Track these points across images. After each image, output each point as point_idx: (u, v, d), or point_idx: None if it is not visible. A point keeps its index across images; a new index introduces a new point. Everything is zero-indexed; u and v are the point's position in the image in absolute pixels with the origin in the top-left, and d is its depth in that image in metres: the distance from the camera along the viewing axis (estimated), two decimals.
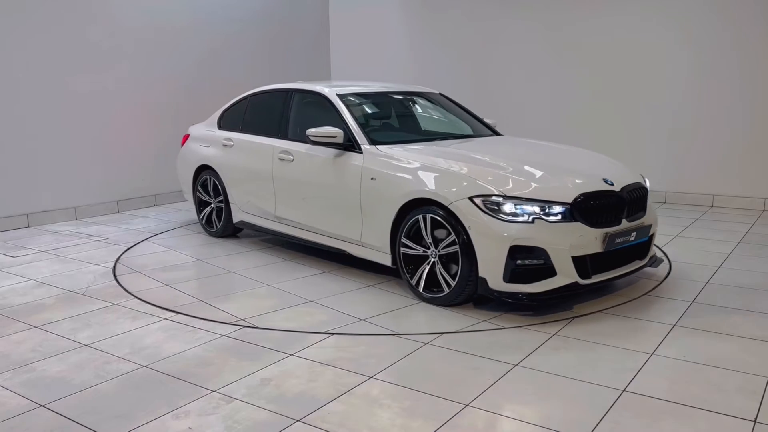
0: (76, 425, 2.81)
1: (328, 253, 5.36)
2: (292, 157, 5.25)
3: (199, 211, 6.44)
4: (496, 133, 5.71)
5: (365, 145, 4.74)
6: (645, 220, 4.38)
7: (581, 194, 4.02)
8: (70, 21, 7.06)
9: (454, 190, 4.09)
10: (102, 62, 7.39)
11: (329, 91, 5.27)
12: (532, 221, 3.89)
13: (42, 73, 6.88)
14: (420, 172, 4.35)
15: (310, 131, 4.84)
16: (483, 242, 3.92)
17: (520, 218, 3.89)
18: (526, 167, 4.34)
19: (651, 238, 4.52)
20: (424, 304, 4.30)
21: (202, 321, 4.05)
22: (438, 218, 4.14)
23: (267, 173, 5.47)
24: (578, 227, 3.95)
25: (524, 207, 3.91)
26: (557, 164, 4.55)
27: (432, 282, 4.26)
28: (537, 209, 3.91)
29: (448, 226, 4.07)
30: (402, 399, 3.00)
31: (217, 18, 8.61)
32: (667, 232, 6.15)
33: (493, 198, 3.96)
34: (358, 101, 5.33)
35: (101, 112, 7.43)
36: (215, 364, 3.41)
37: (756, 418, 2.78)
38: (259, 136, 5.70)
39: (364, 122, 5.05)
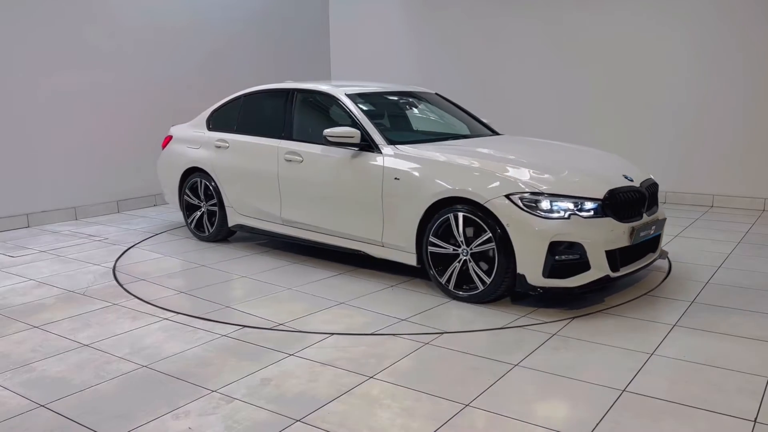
0: (76, 425, 2.81)
1: (334, 255, 5.35)
2: (300, 158, 5.14)
3: (187, 216, 6.22)
4: (495, 132, 5.71)
5: (384, 145, 4.73)
6: (659, 214, 4.56)
7: (610, 190, 4.14)
8: (69, 21, 7.06)
9: (489, 187, 4.13)
10: (102, 62, 7.39)
11: (338, 91, 5.21)
12: (568, 217, 3.98)
13: (42, 73, 6.87)
14: (448, 171, 4.38)
15: (328, 131, 4.76)
16: (522, 239, 3.99)
17: (557, 214, 3.98)
18: (550, 165, 4.44)
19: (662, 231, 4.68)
20: (455, 302, 4.32)
21: (202, 321, 4.05)
22: (471, 216, 4.17)
23: (271, 175, 5.34)
24: (609, 222, 4.07)
25: (559, 203, 4.00)
26: (576, 162, 4.67)
27: (462, 280, 4.30)
28: (571, 205, 4.01)
29: (483, 224, 4.12)
30: (402, 399, 3.00)
31: (218, 18, 8.62)
32: (667, 232, 6.14)
33: (531, 195, 4.02)
34: (366, 101, 5.27)
35: (101, 112, 7.43)
36: (215, 364, 3.41)
37: (756, 418, 2.78)
38: (259, 137, 5.56)
39: (375, 122, 5.00)
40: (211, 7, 8.52)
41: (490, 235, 4.09)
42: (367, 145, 4.77)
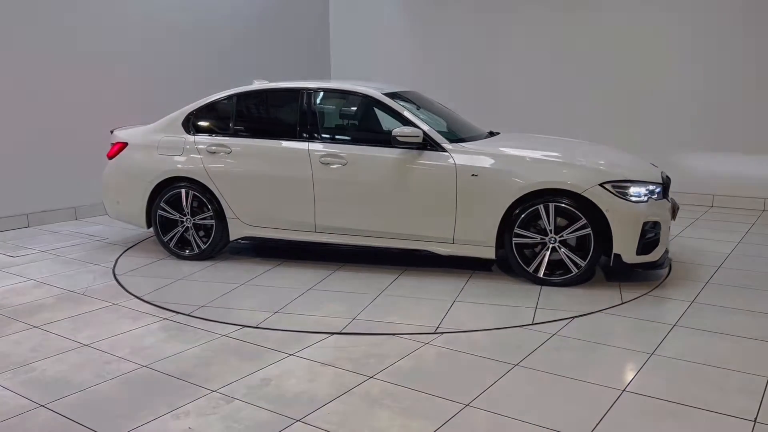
0: (76, 425, 2.81)
1: (359, 258, 5.23)
2: (344, 161, 4.94)
3: (163, 232, 5.49)
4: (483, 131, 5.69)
5: (448, 144, 4.80)
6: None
7: (661, 174, 4.75)
8: (72, 20, 7.06)
9: (583, 178, 4.47)
10: (103, 63, 7.38)
11: (375, 92, 5.12)
12: (647, 200, 4.47)
13: (42, 73, 6.87)
14: (533, 165, 4.65)
15: (397, 131, 4.72)
16: (620, 222, 4.40)
17: (638, 198, 4.45)
18: (604, 157, 4.90)
19: None
20: (548, 287, 4.55)
21: (202, 321, 4.05)
22: (562, 205, 4.46)
23: (302, 180, 5.03)
24: (665, 203, 4.63)
25: (639, 188, 4.48)
26: (611, 154, 5.07)
27: (549, 266, 4.59)
28: (644, 190, 4.49)
29: (577, 212, 4.44)
30: (402, 399, 3.00)
31: (218, 18, 8.61)
32: None
33: (620, 182, 4.46)
34: (405, 102, 5.19)
35: (101, 112, 7.42)
36: (215, 364, 3.41)
37: (756, 418, 2.78)
38: (276, 140, 5.22)
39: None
40: (210, 7, 8.52)
41: (585, 221, 4.42)
42: (426, 144, 4.78)
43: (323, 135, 5.18)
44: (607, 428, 2.71)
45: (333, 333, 3.81)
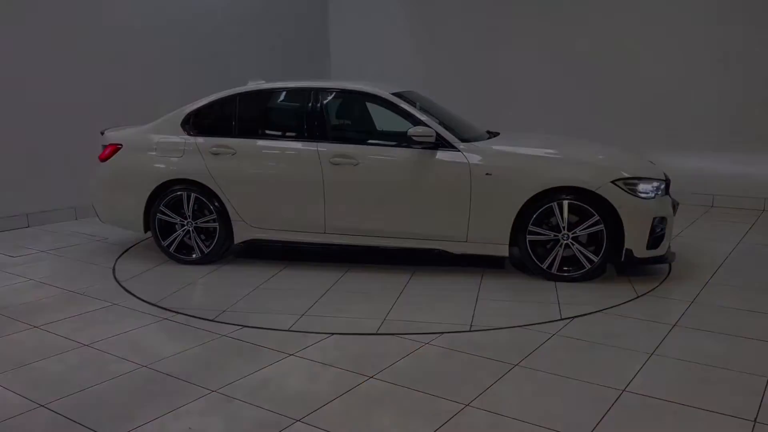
0: (76, 425, 2.82)
1: (363, 258, 5.20)
2: (355, 161, 4.89)
3: (162, 237, 5.34)
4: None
5: (460, 143, 4.82)
6: None
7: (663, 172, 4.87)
8: (71, 20, 7.07)
9: (595, 175, 4.57)
10: (102, 64, 7.38)
11: (383, 92, 5.09)
12: (654, 197, 4.60)
13: (42, 73, 6.88)
14: (546, 164, 4.75)
15: (412, 131, 4.74)
16: (632, 218, 4.51)
17: (647, 195, 4.57)
18: (609, 155, 5.04)
19: None
20: (564, 283, 4.63)
21: (202, 321, 4.05)
22: (575, 202, 4.55)
23: (312, 181, 4.97)
24: (668, 199, 4.78)
25: (646, 185, 4.59)
26: (613, 153, 5.15)
27: (562, 262, 4.68)
28: (651, 186, 4.60)
29: (590, 209, 4.53)
30: (402, 399, 3.00)
31: (217, 18, 8.62)
32: None
33: (631, 179, 4.57)
34: (411, 101, 5.17)
35: (101, 113, 7.42)
36: (215, 364, 3.42)
37: (756, 418, 2.78)
38: (284, 141, 5.20)
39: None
40: (209, 6, 8.52)
41: (598, 218, 4.51)
42: (438, 143, 4.79)
43: (332, 135, 5.14)
44: (607, 428, 2.72)
45: (333, 333, 3.80)
